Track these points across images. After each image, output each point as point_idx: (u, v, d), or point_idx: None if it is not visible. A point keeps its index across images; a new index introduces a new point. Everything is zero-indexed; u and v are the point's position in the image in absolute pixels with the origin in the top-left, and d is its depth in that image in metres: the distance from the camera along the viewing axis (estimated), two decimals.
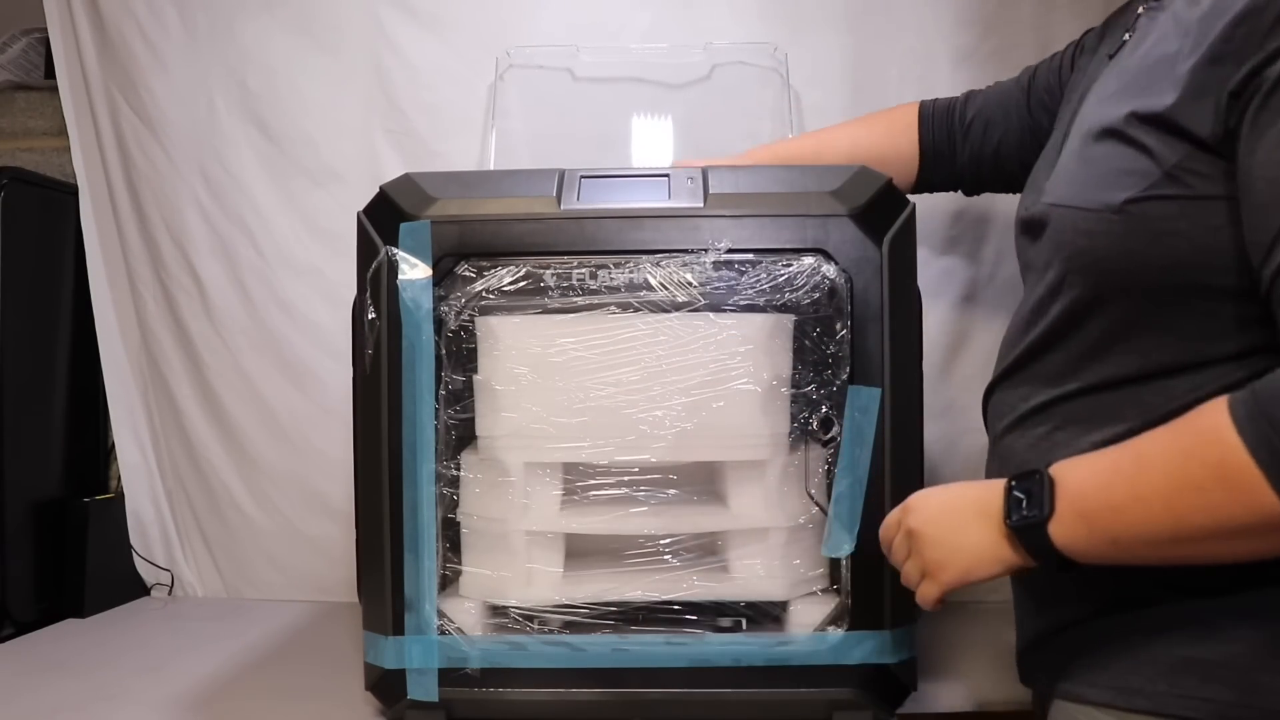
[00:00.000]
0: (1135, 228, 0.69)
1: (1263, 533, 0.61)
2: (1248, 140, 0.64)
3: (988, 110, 1.09)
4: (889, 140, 1.14)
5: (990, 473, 0.86)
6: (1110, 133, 0.72)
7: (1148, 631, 0.71)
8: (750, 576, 0.98)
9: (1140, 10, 0.81)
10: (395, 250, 0.97)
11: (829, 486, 0.98)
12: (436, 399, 0.97)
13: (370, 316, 0.97)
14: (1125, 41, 0.81)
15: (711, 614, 0.98)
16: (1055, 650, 0.78)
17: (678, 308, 0.97)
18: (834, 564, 1.00)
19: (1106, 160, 0.72)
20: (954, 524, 0.75)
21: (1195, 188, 0.67)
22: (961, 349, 1.44)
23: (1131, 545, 0.66)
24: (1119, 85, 0.76)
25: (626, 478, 0.97)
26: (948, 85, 1.44)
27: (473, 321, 0.99)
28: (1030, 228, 0.81)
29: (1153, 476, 0.64)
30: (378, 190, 1.00)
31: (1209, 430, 0.62)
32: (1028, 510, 0.69)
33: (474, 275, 0.97)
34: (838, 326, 0.97)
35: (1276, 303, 0.63)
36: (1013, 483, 0.71)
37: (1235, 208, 0.66)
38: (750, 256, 0.96)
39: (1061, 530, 0.67)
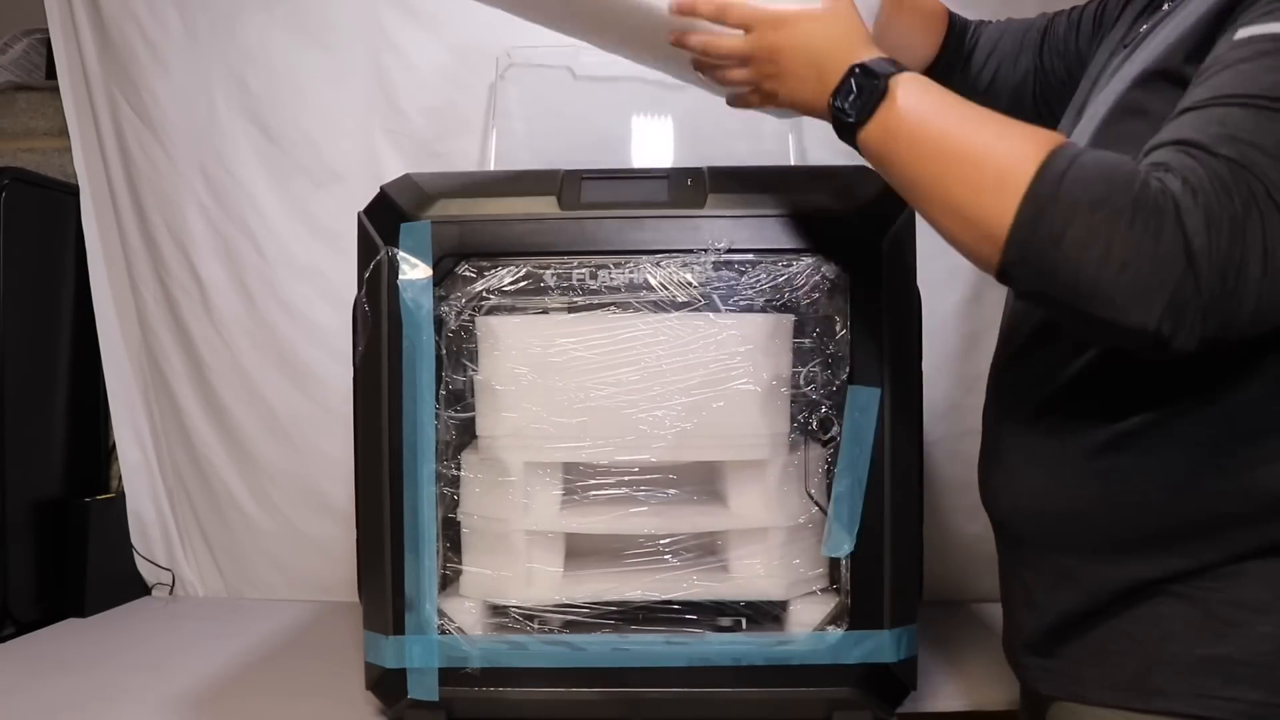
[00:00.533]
0: None
1: (980, 231, 0.64)
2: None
3: (997, 40, 1.06)
4: (924, 21, 1.07)
5: (990, 460, 0.84)
6: (1119, 109, 0.73)
7: (1164, 630, 0.69)
8: (750, 576, 0.98)
9: (1165, 6, 0.79)
10: (396, 250, 0.97)
11: (829, 486, 0.98)
12: (437, 399, 0.97)
13: (369, 316, 0.97)
14: (1143, 33, 0.79)
15: (711, 613, 0.98)
16: (1061, 651, 0.75)
17: (678, 308, 0.97)
18: (834, 564, 1.00)
19: (1115, 135, 0.72)
20: (801, 67, 0.79)
21: None
22: (965, 349, 1.44)
23: (899, 174, 0.71)
24: (1133, 70, 0.75)
25: (626, 478, 0.97)
26: None
27: (473, 321, 0.99)
28: None
29: (963, 137, 0.67)
30: (378, 190, 1.01)
31: (1034, 140, 0.64)
32: (850, 105, 0.73)
33: (474, 275, 0.98)
34: (838, 326, 0.98)
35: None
36: (858, 69, 0.74)
37: None
38: (750, 256, 0.96)
39: (866, 133, 0.72)
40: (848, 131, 0.74)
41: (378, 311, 0.97)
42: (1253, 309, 0.59)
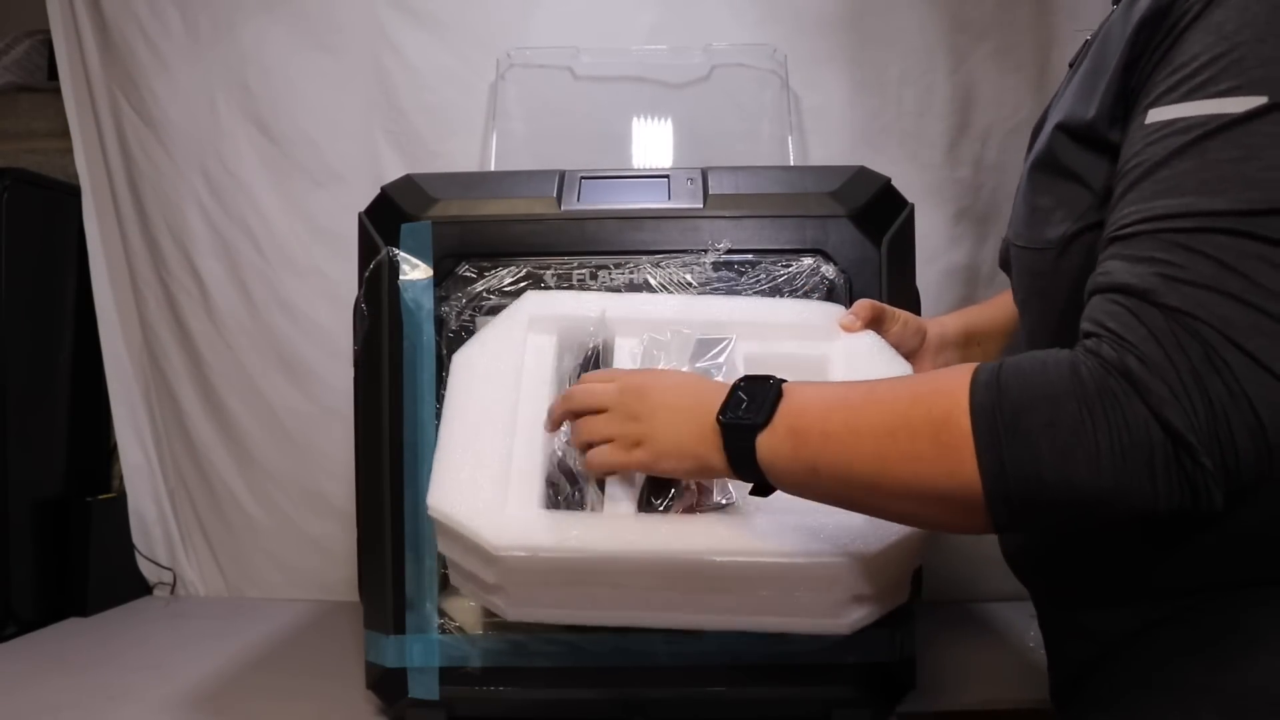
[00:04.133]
0: (1080, 262, 0.65)
1: (955, 505, 0.58)
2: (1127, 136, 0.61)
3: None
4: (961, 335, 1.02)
5: None
6: (1045, 161, 0.69)
7: (1160, 659, 0.65)
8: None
9: (1114, 7, 0.74)
10: (396, 251, 0.97)
11: None
12: (437, 399, 0.97)
13: (370, 316, 0.97)
14: (1086, 42, 0.75)
15: None
16: (1077, 697, 0.73)
17: None
18: None
19: (1042, 193, 0.69)
20: (674, 397, 0.72)
21: None
22: None
23: (830, 479, 0.63)
24: (1055, 116, 0.71)
25: None
26: (947, 86, 1.45)
27: (473, 321, 0.99)
28: (1005, 266, 0.80)
29: (875, 412, 0.61)
30: (379, 191, 1.01)
31: (945, 387, 0.59)
32: (744, 412, 0.66)
33: (475, 276, 0.98)
34: None
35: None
36: (742, 381, 0.68)
37: None
38: (750, 257, 0.97)
39: (768, 442, 0.65)
40: (745, 439, 0.66)
41: (378, 312, 0.98)
42: (1267, 451, 0.53)
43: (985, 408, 0.56)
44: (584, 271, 0.97)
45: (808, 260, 0.96)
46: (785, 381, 0.68)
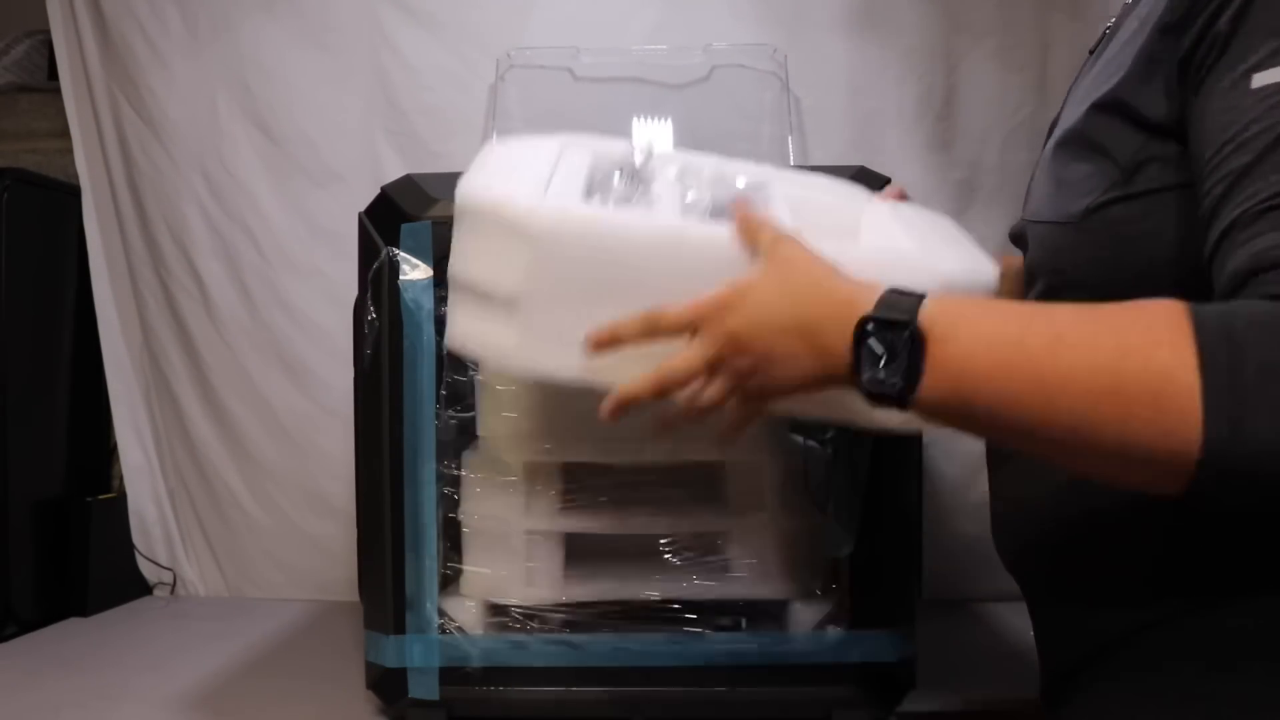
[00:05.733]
0: (1099, 236, 0.64)
1: (1156, 469, 0.51)
2: (1199, 103, 0.58)
3: None
4: None
5: (993, 509, 0.79)
6: (1072, 137, 0.68)
7: (1151, 662, 0.64)
8: (751, 575, 0.98)
9: (1112, 21, 0.74)
10: (396, 251, 0.97)
11: (829, 486, 0.98)
12: (438, 399, 0.97)
13: (370, 317, 0.98)
14: (1105, 34, 0.75)
15: (711, 613, 0.98)
16: (1068, 699, 0.72)
17: None
18: (834, 563, 1.00)
19: (1067, 168, 0.68)
20: (782, 343, 0.61)
21: (1159, 178, 0.61)
22: None
23: (1006, 436, 0.56)
24: (1089, 83, 0.70)
25: (626, 478, 0.97)
26: (945, 86, 1.45)
27: None
28: (1018, 243, 0.80)
29: (1073, 365, 0.51)
30: (379, 191, 1.01)
31: (1160, 334, 0.50)
32: (884, 371, 0.56)
33: None
34: None
35: (1216, 270, 0.56)
36: (869, 324, 0.57)
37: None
38: None
39: (925, 402, 0.56)
40: (894, 400, 0.57)
41: (379, 312, 0.98)
42: None
43: (1221, 365, 0.48)
44: None
45: None
46: (925, 308, 0.56)
